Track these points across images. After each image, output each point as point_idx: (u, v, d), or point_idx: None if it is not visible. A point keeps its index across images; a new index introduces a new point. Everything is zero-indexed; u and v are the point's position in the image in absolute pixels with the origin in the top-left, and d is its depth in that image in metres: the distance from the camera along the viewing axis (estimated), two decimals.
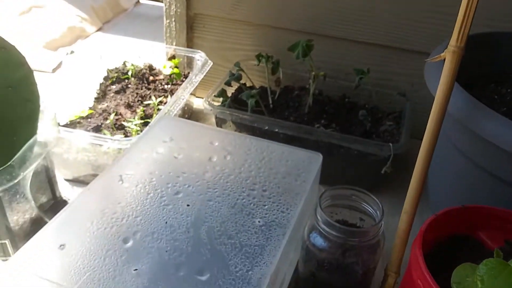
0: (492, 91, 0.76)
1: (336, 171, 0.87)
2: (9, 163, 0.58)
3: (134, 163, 0.69)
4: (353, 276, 0.60)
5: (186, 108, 1.06)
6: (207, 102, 0.91)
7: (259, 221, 0.60)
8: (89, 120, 0.94)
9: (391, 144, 0.81)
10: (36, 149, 0.65)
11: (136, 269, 0.53)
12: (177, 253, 0.55)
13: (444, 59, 0.54)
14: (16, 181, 0.61)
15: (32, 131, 0.64)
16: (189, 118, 1.11)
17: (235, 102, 0.96)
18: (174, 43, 1.11)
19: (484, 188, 0.64)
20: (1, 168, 0.58)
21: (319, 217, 0.59)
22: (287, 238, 0.58)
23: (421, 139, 0.58)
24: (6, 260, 0.67)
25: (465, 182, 0.67)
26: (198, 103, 1.17)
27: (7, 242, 0.64)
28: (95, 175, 0.89)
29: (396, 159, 0.82)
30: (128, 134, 0.90)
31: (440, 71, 0.55)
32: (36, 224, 0.68)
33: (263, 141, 0.76)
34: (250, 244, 0.57)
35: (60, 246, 0.56)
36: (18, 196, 0.63)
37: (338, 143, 0.83)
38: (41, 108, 0.68)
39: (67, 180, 0.91)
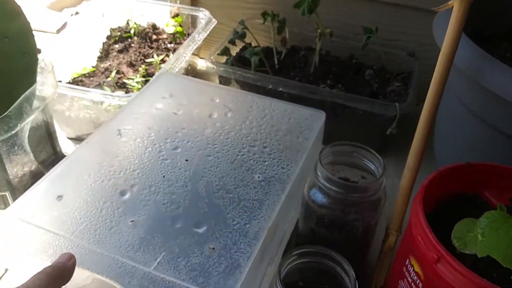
0: (504, 49, 0.73)
1: (341, 132, 0.84)
2: (5, 113, 0.57)
3: (133, 118, 0.68)
4: (353, 233, 0.59)
5: (189, 68, 1.05)
6: (210, 60, 0.89)
7: (258, 177, 0.60)
8: (91, 78, 0.93)
9: (397, 104, 0.79)
10: (34, 103, 0.64)
11: (132, 221, 0.53)
12: (174, 206, 0.55)
13: (452, 8, 0.52)
14: (13, 132, 0.60)
15: (30, 83, 0.63)
16: None
17: (239, 62, 0.94)
18: (178, 1, 1.09)
19: (490, 145, 0.62)
20: None
21: (319, 173, 0.58)
22: (287, 193, 0.58)
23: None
24: None
25: (471, 139, 0.65)
26: (202, 64, 1.15)
27: (7, 194, 0.64)
28: None
29: (402, 120, 0.81)
30: (130, 92, 0.88)
31: (448, 22, 0.53)
32: (36, 178, 0.68)
33: (266, 98, 0.75)
34: (249, 199, 0.56)
35: (58, 197, 0.56)
36: (16, 148, 0.62)
37: (343, 103, 0.81)
38: (40, 63, 0.67)
39: (70, 138, 0.90)
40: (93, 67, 0.96)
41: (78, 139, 0.91)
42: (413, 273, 0.51)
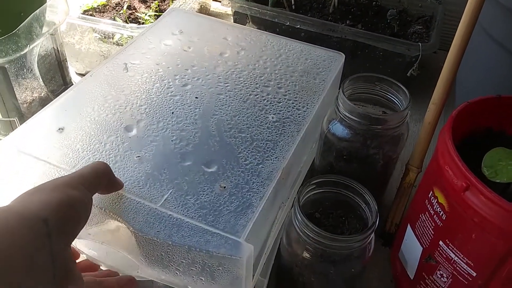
0: None
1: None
2: (14, 32, 0.55)
3: (141, 53, 0.65)
4: (372, 167, 0.57)
5: (201, 8, 1.01)
6: None
7: (272, 117, 0.57)
8: (102, 13, 0.89)
9: (420, 44, 0.76)
10: (44, 28, 0.62)
11: (139, 156, 0.50)
12: (184, 143, 0.52)
13: None
14: (22, 52, 0.58)
15: (40, 3, 0.60)
16: None
17: (255, 1, 0.90)
18: None
19: None
20: (6, 35, 0.54)
21: (340, 103, 0.55)
22: (302, 135, 0.55)
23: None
24: None
25: (499, 73, 0.63)
26: (216, 6, 1.12)
27: (15, 119, 0.62)
28: None
29: (422, 66, 0.78)
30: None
31: None
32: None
33: (281, 38, 0.71)
34: (262, 139, 0.54)
35: (59, 129, 0.53)
36: (25, 70, 0.60)
37: (363, 42, 0.78)
38: None
39: (79, 74, 0.88)
40: (104, 1, 0.93)
41: None
42: (437, 204, 0.49)
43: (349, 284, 0.51)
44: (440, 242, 0.49)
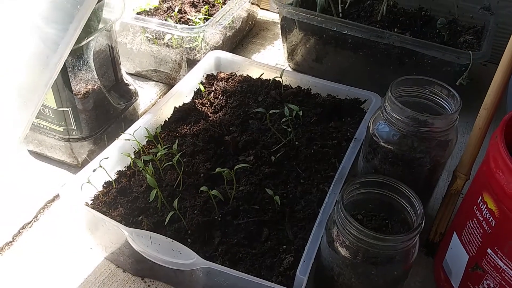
0: None
1: None
2: None
3: None
4: (419, 171, 0.56)
5: (249, 15, 1.03)
6: (275, 1, 0.86)
7: None
8: (154, 16, 0.92)
9: (471, 52, 0.74)
10: (100, 25, 0.64)
11: None
12: None
13: None
14: (80, 45, 0.60)
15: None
16: (251, 28, 1.07)
17: (302, 6, 0.91)
18: None
19: None
20: None
21: (388, 105, 0.55)
22: None
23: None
24: (66, 129, 0.66)
25: None
26: (262, 15, 1.13)
27: (69, 110, 0.64)
28: (156, 71, 0.89)
29: (471, 78, 0.75)
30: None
31: None
32: (98, 101, 0.68)
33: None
34: None
35: None
36: (81, 62, 0.62)
37: (411, 49, 0.77)
38: None
39: (129, 73, 0.91)
40: (156, 4, 0.96)
41: (137, 75, 0.91)
42: (486, 210, 0.47)
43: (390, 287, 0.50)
44: (488, 250, 0.48)
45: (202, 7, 0.94)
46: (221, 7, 0.93)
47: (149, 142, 0.66)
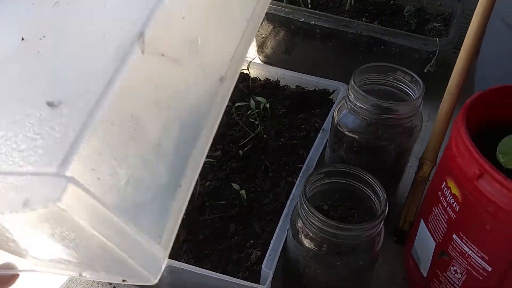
0: None
1: None
2: None
3: None
4: (385, 159, 0.55)
5: None
6: None
7: None
8: None
9: (437, 39, 0.74)
10: None
11: None
12: None
13: None
14: None
15: None
16: None
17: None
18: None
19: None
20: None
21: (351, 93, 0.54)
22: None
23: None
24: None
25: None
26: None
27: None
28: None
29: (441, 65, 0.75)
30: None
31: None
32: None
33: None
34: None
35: None
36: None
37: (379, 38, 0.77)
38: None
39: None
40: None
41: None
42: (450, 196, 0.47)
43: (356, 278, 0.49)
44: (454, 236, 0.47)
45: None
46: None
47: None
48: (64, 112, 0.27)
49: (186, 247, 0.54)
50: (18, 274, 0.35)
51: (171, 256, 0.51)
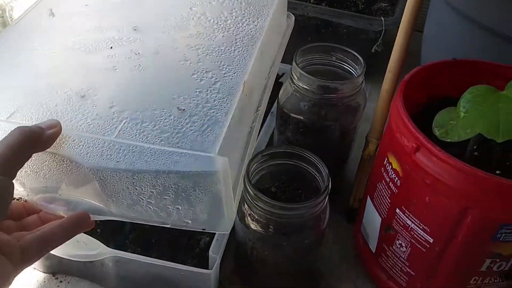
0: None
1: None
2: None
3: None
4: (330, 139, 0.55)
5: None
6: None
7: (222, 36, 0.52)
8: None
9: (383, 18, 0.74)
10: None
11: (81, 95, 0.45)
12: (129, 70, 0.47)
13: None
14: None
15: None
16: None
17: None
18: None
19: (478, 46, 0.58)
20: None
21: (294, 74, 0.54)
22: (258, 48, 0.50)
23: (419, 31, 0.51)
24: None
25: (458, 41, 0.61)
26: None
27: None
28: None
29: (388, 40, 0.76)
30: None
31: None
32: None
33: None
34: (215, 58, 0.49)
35: None
36: None
37: (327, 19, 0.77)
38: None
39: None
40: None
41: None
42: (391, 171, 0.47)
43: (304, 257, 0.50)
44: (397, 210, 0.48)
45: None
46: None
47: None
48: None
49: (132, 236, 0.53)
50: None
51: (116, 247, 0.50)
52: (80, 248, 0.49)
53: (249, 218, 0.48)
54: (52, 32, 0.53)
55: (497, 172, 0.44)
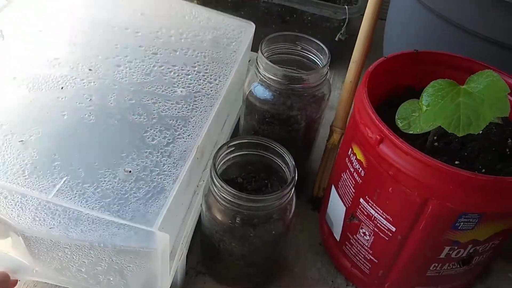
0: None
1: None
2: None
3: (19, 17, 0.55)
4: (295, 129, 0.56)
5: None
6: None
7: (181, 91, 0.51)
8: None
9: (346, 7, 0.75)
10: None
11: (22, 140, 0.42)
12: (77, 123, 0.45)
13: None
14: None
15: None
16: None
17: None
18: None
19: (440, 38, 0.60)
20: None
21: (260, 64, 0.53)
22: (216, 110, 0.50)
23: (382, 19, 0.52)
24: None
25: (420, 32, 0.62)
26: None
27: None
28: None
29: (353, 34, 0.77)
30: None
31: None
32: None
33: (185, 3, 0.63)
34: (171, 116, 0.48)
35: None
36: None
37: (290, 6, 0.77)
38: None
39: None
40: None
41: None
42: (356, 161, 0.48)
43: (271, 247, 0.50)
44: (361, 200, 0.49)
45: None
46: None
47: None
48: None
49: None
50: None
51: None
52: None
53: (215, 210, 0.47)
54: None
55: (456, 162, 0.46)
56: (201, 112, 0.49)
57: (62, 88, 0.48)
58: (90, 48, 0.53)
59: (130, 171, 0.41)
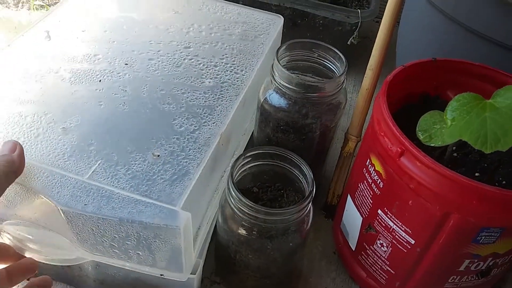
0: None
1: None
2: None
3: (63, 19, 0.61)
4: (310, 137, 0.55)
5: None
6: None
7: (209, 82, 0.54)
8: None
9: (359, 10, 0.74)
10: None
11: (63, 127, 0.47)
12: (112, 111, 0.49)
13: None
14: None
15: None
16: None
17: None
18: None
19: (456, 44, 0.59)
20: None
21: (276, 71, 0.53)
22: (241, 99, 0.53)
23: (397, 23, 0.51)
24: None
25: (437, 38, 0.62)
26: None
27: None
28: None
29: (365, 37, 0.76)
30: None
31: None
32: None
33: (217, 1, 0.68)
34: (198, 105, 0.51)
35: None
36: None
37: (302, 10, 0.76)
38: None
39: None
40: None
41: None
42: (374, 172, 0.48)
43: (288, 259, 0.50)
44: (379, 211, 0.48)
45: None
46: None
47: None
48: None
49: None
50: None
51: None
52: (58, 252, 0.47)
53: (232, 222, 0.47)
54: (45, 56, 0.55)
55: (476, 174, 0.45)
56: (226, 101, 0.53)
57: (100, 81, 0.53)
58: (127, 45, 0.58)
59: (158, 155, 0.45)
